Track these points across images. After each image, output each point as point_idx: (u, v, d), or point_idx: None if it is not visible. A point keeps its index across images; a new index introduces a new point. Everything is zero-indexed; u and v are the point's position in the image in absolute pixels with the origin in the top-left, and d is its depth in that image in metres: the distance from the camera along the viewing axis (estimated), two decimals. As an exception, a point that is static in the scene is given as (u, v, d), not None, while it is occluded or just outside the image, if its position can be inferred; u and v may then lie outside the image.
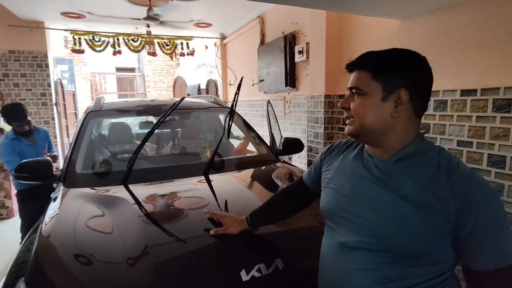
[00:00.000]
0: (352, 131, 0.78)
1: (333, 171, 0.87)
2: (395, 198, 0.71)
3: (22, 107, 2.50)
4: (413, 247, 0.68)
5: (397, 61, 0.74)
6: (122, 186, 1.59)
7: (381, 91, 0.72)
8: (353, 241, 0.75)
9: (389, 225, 0.70)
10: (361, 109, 0.75)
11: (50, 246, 1.16)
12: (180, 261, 1.09)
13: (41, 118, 4.79)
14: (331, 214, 0.83)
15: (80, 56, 9.17)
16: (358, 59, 0.77)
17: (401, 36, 2.11)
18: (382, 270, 0.71)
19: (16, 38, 4.49)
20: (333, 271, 0.80)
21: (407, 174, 0.72)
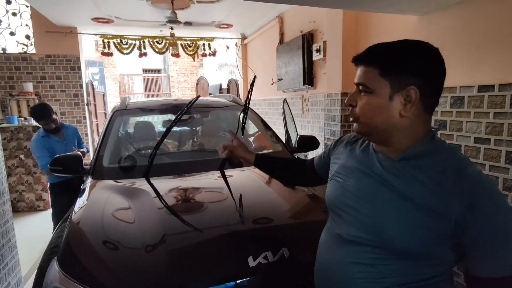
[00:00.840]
0: (359, 130, 0.76)
1: (340, 164, 0.86)
2: (396, 197, 0.69)
3: (47, 106, 2.68)
4: (409, 248, 0.67)
5: (407, 56, 0.69)
6: (144, 179, 1.71)
7: (389, 88, 0.69)
8: (350, 235, 0.75)
9: (387, 224, 0.69)
10: (367, 109, 0.72)
11: (79, 231, 1.29)
12: (193, 248, 1.18)
13: (74, 118, 5.11)
14: (333, 206, 0.84)
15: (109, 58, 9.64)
16: (366, 53, 0.73)
17: (418, 32, 2.09)
18: (376, 265, 0.71)
19: (52, 43, 4.83)
20: (328, 261, 0.81)
21: (412, 175, 0.69)
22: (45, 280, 1.11)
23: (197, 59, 9.75)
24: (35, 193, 4.38)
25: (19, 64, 4.75)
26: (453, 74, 1.87)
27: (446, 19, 1.91)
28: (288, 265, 1.11)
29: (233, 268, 1.08)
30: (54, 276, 1.09)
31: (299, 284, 1.11)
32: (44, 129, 2.71)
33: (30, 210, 4.37)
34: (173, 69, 11.69)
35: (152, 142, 2.42)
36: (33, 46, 4.82)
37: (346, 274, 0.75)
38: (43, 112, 2.62)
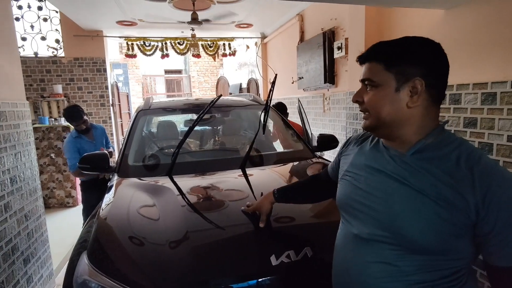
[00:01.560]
0: (368, 125, 0.76)
1: (349, 163, 0.86)
2: (411, 192, 0.69)
3: (78, 108, 2.80)
4: (428, 242, 0.66)
5: (409, 49, 0.71)
6: (167, 177, 1.75)
7: (395, 81, 0.70)
8: (366, 233, 0.74)
9: (403, 219, 0.68)
10: (375, 101, 0.72)
11: (107, 227, 1.34)
12: (215, 245, 1.19)
13: (100, 118, 5.31)
14: (345, 206, 0.83)
15: (133, 60, 9.93)
16: (369, 51, 0.75)
17: (445, 26, 2.01)
18: (396, 263, 0.70)
19: (79, 47, 5.04)
20: (346, 262, 0.80)
21: (424, 168, 0.69)
22: (75, 273, 1.16)
23: (217, 59, 9.86)
24: (64, 190, 4.59)
25: (50, 67, 4.99)
26: (484, 70, 1.78)
27: (476, 12, 1.82)
28: (311, 265, 1.10)
29: (256, 266, 1.09)
30: (83, 269, 1.13)
31: (322, 284, 1.09)
32: (75, 130, 2.83)
33: (61, 206, 4.58)
34: (193, 70, 11.88)
35: (174, 141, 2.47)
36: (62, 49, 5.04)
37: (367, 274, 0.74)
38: (75, 114, 2.74)
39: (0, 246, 1.77)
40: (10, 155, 1.94)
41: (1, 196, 1.81)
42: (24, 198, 2.09)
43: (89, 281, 1.09)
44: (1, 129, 1.86)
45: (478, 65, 1.81)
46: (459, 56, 1.90)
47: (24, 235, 2.06)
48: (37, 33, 4.81)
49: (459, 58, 1.89)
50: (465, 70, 1.88)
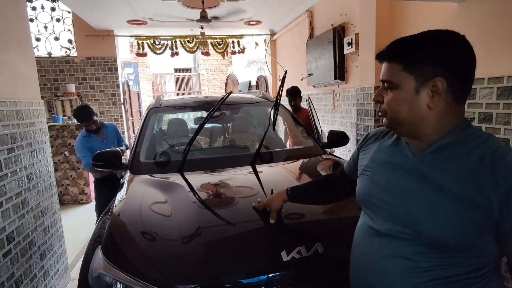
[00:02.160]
0: (387, 124, 0.76)
1: (369, 158, 0.86)
2: (430, 189, 0.68)
3: (88, 109, 2.82)
4: (447, 239, 0.65)
5: (430, 47, 0.67)
6: (178, 173, 1.77)
7: (414, 82, 0.68)
8: (386, 229, 0.74)
9: (421, 216, 0.68)
10: (393, 104, 0.71)
11: (120, 223, 1.36)
12: (227, 241, 1.20)
13: (111, 116, 5.39)
14: (365, 202, 0.83)
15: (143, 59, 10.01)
16: (388, 49, 0.73)
17: (459, 20, 1.96)
18: (414, 259, 0.69)
19: (91, 46, 5.12)
20: (364, 256, 0.81)
21: (444, 166, 0.68)
22: (91, 267, 1.19)
23: (227, 57, 9.87)
24: (78, 187, 4.69)
25: (63, 67, 5.09)
26: (499, 64, 1.74)
27: (490, 4, 1.77)
28: (322, 261, 1.10)
29: (267, 261, 1.09)
30: (98, 264, 1.16)
31: (333, 280, 1.09)
32: (86, 129, 2.87)
33: (74, 203, 4.68)
34: (203, 68, 11.93)
35: (185, 139, 2.50)
36: (75, 49, 5.13)
37: (384, 268, 0.74)
38: (85, 114, 2.78)
39: (18, 241, 1.82)
40: (27, 153, 1.99)
41: (19, 193, 1.87)
42: (40, 195, 2.15)
43: (104, 274, 1.12)
44: (18, 128, 1.91)
45: (493, 59, 1.77)
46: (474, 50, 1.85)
47: (40, 230, 2.12)
48: (51, 34, 4.91)
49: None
50: (479, 64, 1.82)
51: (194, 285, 1.03)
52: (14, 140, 1.85)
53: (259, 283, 1.04)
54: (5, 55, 1.87)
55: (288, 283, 1.05)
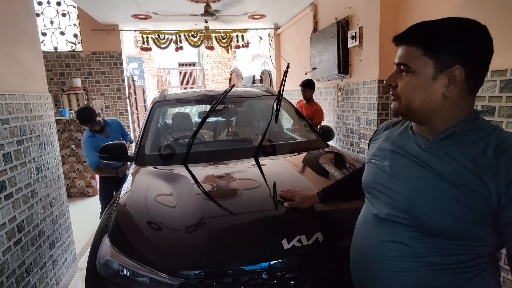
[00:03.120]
0: (397, 109, 0.75)
1: (376, 147, 0.87)
2: (430, 176, 0.69)
3: (90, 110, 2.79)
4: (444, 226, 0.66)
5: (453, 34, 0.66)
6: (182, 165, 1.80)
7: (433, 68, 0.66)
8: (385, 214, 0.76)
9: (421, 202, 0.69)
10: (409, 89, 0.70)
11: (126, 212, 1.40)
12: (229, 230, 1.24)
13: (117, 110, 5.44)
14: (369, 188, 0.84)
15: (148, 53, 10.06)
16: (408, 32, 0.71)
17: (465, 12, 1.95)
18: (410, 244, 0.71)
19: (97, 41, 5.15)
20: (363, 241, 0.83)
21: (447, 153, 0.68)
22: (98, 254, 1.23)
23: (231, 51, 9.85)
24: (85, 180, 4.77)
25: (69, 62, 5.14)
26: (503, 56, 1.73)
27: (498, -4, 1.76)
28: (322, 249, 1.13)
29: (268, 249, 1.12)
30: (106, 251, 1.21)
31: (333, 269, 1.12)
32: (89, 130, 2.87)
33: (81, 195, 4.77)
34: (207, 62, 11.93)
35: (189, 132, 2.53)
36: (80, 44, 5.18)
37: (380, 252, 0.76)
38: (88, 116, 2.76)
39: (28, 230, 1.88)
40: (35, 145, 2.04)
41: (28, 184, 1.92)
42: (49, 186, 2.20)
43: (111, 261, 1.16)
44: (27, 120, 1.96)
45: (498, 52, 1.75)
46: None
47: (49, 220, 2.17)
48: (56, 28, 4.95)
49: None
50: (483, 57, 1.83)
51: (198, 271, 1.07)
52: (23, 133, 1.90)
53: (261, 270, 1.08)
54: (14, 49, 1.91)
55: (288, 270, 1.08)
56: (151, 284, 1.08)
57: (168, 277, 1.06)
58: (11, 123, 1.78)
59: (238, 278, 1.07)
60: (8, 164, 1.73)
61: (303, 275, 1.09)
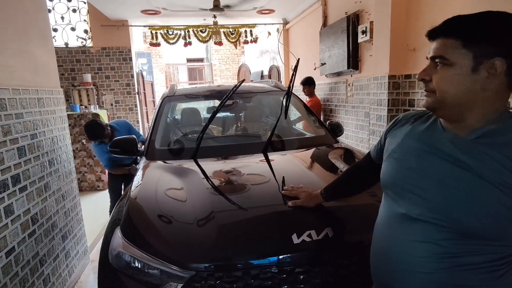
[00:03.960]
0: (431, 104, 0.72)
1: (398, 142, 0.83)
2: (470, 177, 0.66)
3: (99, 126, 2.69)
4: (484, 228, 0.65)
5: (492, 24, 0.64)
6: (192, 160, 1.82)
7: (472, 60, 0.64)
8: (416, 214, 0.73)
9: (458, 202, 0.67)
10: (446, 82, 0.68)
11: (137, 205, 1.42)
12: (239, 224, 1.25)
13: (126, 106, 5.50)
14: (392, 185, 0.81)
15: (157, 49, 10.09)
16: (445, 24, 0.69)
17: (478, 8, 1.91)
18: (443, 244, 0.69)
19: (106, 36, 5.20)
20: (387, 241, 0.80)
21: (486, 153, 0.66)
22: (110, 246, 1.25)
23: (239, 47, 9.83)
24: (95, 174, 4.84)
25: (79, 57, 5.20)
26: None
27: (514, -11, 1.72)
28: (332, 245, 1.13)
29: (278, 244, 1.13)
30: (118, 243, 1.23)
31: (343, 264, 1.12)
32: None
33: (92, 189, 4.85)
34: (215, 58, 11.93)
35: (198, 127, 2.55)
36: (90, 39, 5.23)
37: (408, 253, 0.74)
38: (96, 132, 2.69)
39: (41, 222, 1.92)
40: (48, 139, 2.08)
41: (42, 177, 1.96)
42: (61, 180, 2.24)
43: (123, 253, 1.18)
44: (40, 115, 1.99)
45: None
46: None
47: (61, 213, 2.22)
48: (67, 24, 5.01)
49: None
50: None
51: (208, 264, 1.08)
52: (36, 127, 1.93)
53: (271, 264, 1.08)
54: (28, 45, 1.94)
55: (298, 265, 1.09)
56: (162, 276, 1.10)
57: (179, 270, 1.07)
58: (25, 117, 1.82)
59: (248, 271, 1.07)
60: (22, 157, 1.77)
61: (312, 270, 1.09)
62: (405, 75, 2.60)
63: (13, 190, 1.66)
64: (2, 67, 1.67)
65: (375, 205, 1.36)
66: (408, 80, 2.56)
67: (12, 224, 1.64)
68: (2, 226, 1.56)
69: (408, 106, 2.62)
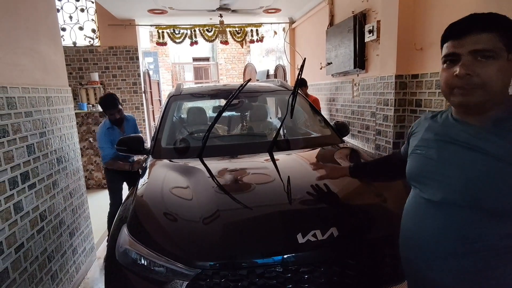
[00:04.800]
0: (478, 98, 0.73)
1: (419, 138, 0.91)
2: (488, 159, 0.72)
3: (113, 96, 2.75)
4: (501, 203, 0.70)
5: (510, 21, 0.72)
6: (197, 159, 1.83)
7: (506, 51, 0.71)
8: (440, 197, 0.78)
9: (477, 182, 0.72)
10: (494, 74, 0.71)
11: (144, 204, 1.44)
12: (244, 223, 1.25)
13: (133, 104, 5.54)
14: (417, 177, 0.87)
15: (163, 48, 10.16)
16: (479, 20, 0.73)
17: (486, 6, 1.88)
18: (467, 225, 0.74)
19: (113, 36, 5.24)
20: (415, 225, 0.85)
21: (501, 138, 0.72)
22: (117, 243, 1.27)
23: (245, 46, 9.83)
24: (101, 173, 4.89)
25: (87, 56, 5.25)
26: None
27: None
28: (337, 244, 1.13)
29: (283, 243, 1.13)
30: (124, 240, 1.24)
31: (348, 264, 1.12)
32: (109, 120, 2.79)
33: (98, 187, 4.90)
34: (221, 57, 11.95)
35: (204, 126, 2.56)
36: (98, 39, 5.27)
37: (438, 235, 0.78)
38: (110, 102, 2.73)
39: (50, 219, 1.95)
40: (56, 137, 2.11)
41: (50, 175, 1.99)
42: (69, 177, 2.27)
43: (129, 250, 1.19)
44: (48, 113, 2.02)
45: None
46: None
47: (69, 210, 2.25)
48: (75, 23, 5.06)
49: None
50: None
51: (214, 262, 1.09)
52: (45, 125, 1.96)
53: (276, 263, 1.09)
54: (37, 44, 1.97)
55: (303, 264, 1.09)
56: (168, 274, 1.11)
57: (184, 267, 1.09)
58: (34, 116, 1.85)
59: (253, 270, 1.08)
60: (32, 155, 1.79)
61: (317, 269, 1.09)
62: (412, 74, 2.58)
63: (22, 187, 1.69)
64: (13, 66, 1.70)
65: (381, 205, 1.37)
66: (415, 80, 2.54)
67: (21, 221, 1.67)
68: (11, 223, 1.58)
69: (415, 106, 2.59)
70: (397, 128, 2.72)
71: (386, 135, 2.85)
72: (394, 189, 1.40)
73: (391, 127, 2.74)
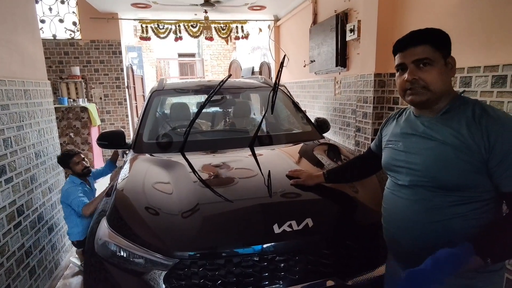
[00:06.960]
0: (425, 98, 0.90)
1: (389, 134, 1.07)
2: (437, 145, 0.89)
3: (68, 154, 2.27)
4: (453, 179, 0.86)
5: (442, 34, 0.91)
6: (179, 153, 1.84)
7: (442, 58, 0.89)
8: (408, 181, 0.95)
9: (434, 165, 0.89)
10: (435, 76, 0.88)
11: (124, 196, 1.44)
12: (224, 215, 1.29)
13: (115, 100, 5.45)
14: (390, 166, 1.03)
15: (147, 43, 9.98)
16: (417, 36, 0.90)
17: (462, 8, 1.97)
18: (432, 200, 0.91)
19: (96, 29, 5.13)
20: (393, 206, 1.02)
21: (447, 125, 0.89)
22: (97, 235, 1.28)
23: (230, 43, 9.81)
24: (83, 169, 4.80)
25: (68, 50, 5.12)
26: (496, 52, 1.77)
27: (492, -8, 1.78)
28: (311, 234, 1.18)
29: (260, 234, 1.17)
30: (104, 233, 1.25)
31: (322, 252, 1.17)
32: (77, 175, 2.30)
33: (79, 183, 4.80)
34: (207, 53, 11.87)
35: (186, 121, 2.56)
36: (79, 32, 5.15)
37: (412, 210, 0.95)
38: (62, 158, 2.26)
39: (27, 214, 1.93)
40: (34, 131, 2.07)
41: (28, 169, 1.96)
42: (48, 172, 2.24)
43: (109, 242, 1.21)
44: (26, 107, 1.98)
45: (492, 47, 1.79)
46: (472, 39, 1.88)
47: (48, 205, 2.22)
48: (55, 16, 4.92)
49: (472, 41, 1.87)
50: (477, 53, 1.86)
51: (192, 252, 1.12)
52: (22, 119, 1.93)
53: (252, 253, 1.13)
54: (14, 35, 1.92)
55: (279, 253, 1.13)
56: (146, 264, 1.13)
57: (163, 258, 1.11)
58: (11, 109, 1.81)
59: (230, 259, 1.11)
60: (8, 149, 1.76)
61: (292, 258, 1.14)
62: (390, 73, 2.67)
63: (-1, 181, 1.66)
64: (-13, 58, 1.66)
65: (355, 199, 1.43)
66: (393, 78, 2.63)
67: (-2, 215, 1.64)
68: (-13, 217, 1.56)
69: (392, 104, 2.69)
70: (375, 125, 2.81)
71: (365, 132, 2.94)
72: (367, 182, 1.46)
73: (370, 124, 2.83)
